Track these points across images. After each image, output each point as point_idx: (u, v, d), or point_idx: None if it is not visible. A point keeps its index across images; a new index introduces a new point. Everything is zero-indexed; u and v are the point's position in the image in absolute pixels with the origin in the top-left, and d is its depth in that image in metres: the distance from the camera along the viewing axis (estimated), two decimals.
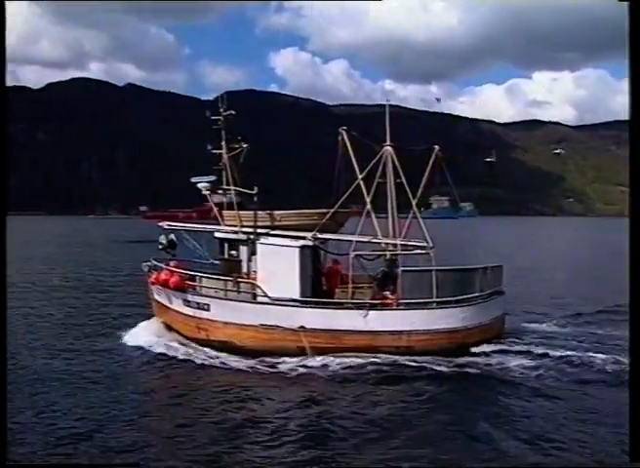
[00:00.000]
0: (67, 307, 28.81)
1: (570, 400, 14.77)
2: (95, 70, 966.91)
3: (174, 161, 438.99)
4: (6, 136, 7.67)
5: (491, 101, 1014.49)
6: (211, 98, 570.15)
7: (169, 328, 21.19)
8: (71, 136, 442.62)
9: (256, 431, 12.74)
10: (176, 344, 19.58)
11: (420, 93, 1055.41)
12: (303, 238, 19.27)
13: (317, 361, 17.50)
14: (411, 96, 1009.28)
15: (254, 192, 19.95)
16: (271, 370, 17.22)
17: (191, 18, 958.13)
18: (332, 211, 19.51)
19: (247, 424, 13.09)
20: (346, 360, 17.46)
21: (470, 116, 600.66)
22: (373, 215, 19.64)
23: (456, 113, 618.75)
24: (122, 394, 15.26)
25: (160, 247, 21.73)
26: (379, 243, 19.78)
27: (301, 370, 17.04)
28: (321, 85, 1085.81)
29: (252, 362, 17.68)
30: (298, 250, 18.97)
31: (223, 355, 18.34)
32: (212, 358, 18.24)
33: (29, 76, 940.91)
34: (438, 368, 17.02)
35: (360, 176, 19.67)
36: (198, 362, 17.95)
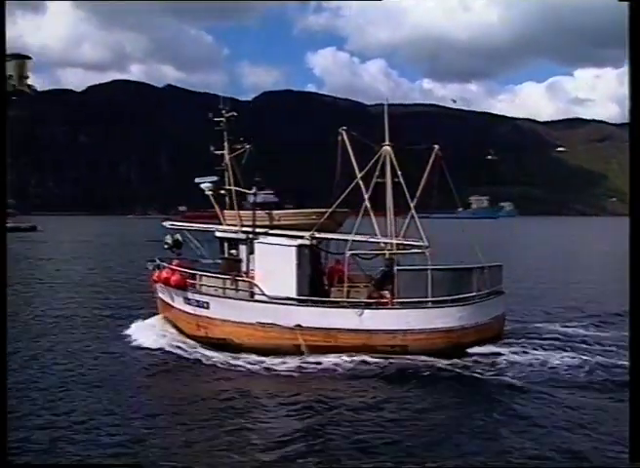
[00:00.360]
0: (83, 302, 30.40)
1: (562, 402, 14.63)
2: (135, 72, 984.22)
3: (212, 161, 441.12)
4: (5, 138, 7.79)
5: (531, 100, 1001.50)
6: (249, 99, 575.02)
7: (172, 325, 21.69)
8: (111, 138, 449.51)
9: (255, 432, 12.93)
10: (174, 342, 19.98)
11: (460, 91, 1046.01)
12: (301, 237, 19.52)
13: (313, 360, 17.62)
14: (450, 95, 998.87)
15: (252, 192, 20.65)
16: (268, 368, 17.40)
17: (230, 19, 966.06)
18: (329, 210, 19.73)
19: (245, 425, 13.22)
20: (341, 359, 17.63)
21: (510, 115, 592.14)
22: (372, 215, 19.76)
23: (495, 112, 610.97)
24: (112, 391, 15.70)
25: (166, 246, 22.17)
26: (376, 242, 19.94)
27: (298, 369, 17.20)
28: (359, 84, 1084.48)
29: (248, 360, 17.90)
30: (294, 249, 19.19)
31: (219, 354, 18.52)
32: (208, 356, 18.44)
33: (71, 79, 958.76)
34: (433, 368, 17.02)
35: (359, 175, 19.87)
36: (192, 360, 18.27)
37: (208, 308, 19.95)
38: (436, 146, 20.45)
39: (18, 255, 58.02)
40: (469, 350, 18.19)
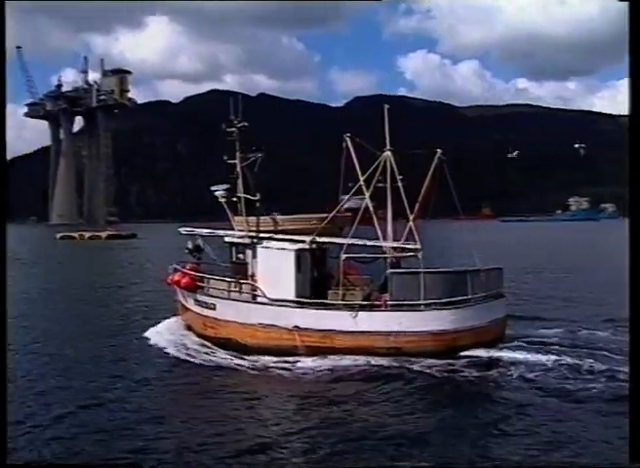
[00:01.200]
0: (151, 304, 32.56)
1: (557, 409, 14.42)
2: (229, 82, 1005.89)
3: (304, 168, 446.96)
4: (5, 138, 8.08)
5: None
6: (341, 105, 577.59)
7: (186, 325, 23.44)
8: (207, 147, 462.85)
9: (255, 432, 13.33)
10: (187, 342, 21.46)
11: (557, 90, 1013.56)
12: (303, 241, 20.51)
13: (310, 361, 18.32)
14: (547, 94, 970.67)
15: (256, 198, 21.78)
16: (267, 369, 18.19)
17: (321, 26, 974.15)
18: (330, 215, 21.01)
19: (245, 425, 13.72)
20: (337, 360, 18.26)
21: (612, 112, 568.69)
22: (374, 219, 20.61)
23: (596, 109, 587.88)
24: (119, 385, 16.90)
25: (187, 251, 23.75)
26: (371, 246, 20.69)
27: (293, 369, 18.00)
28: (451, 87, 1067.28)
29: (250, 360, 18.86)
30: (293, 253, 20.21)
31: (224, 353, 19.69)
32: (216, 357, 19.53)
33: (169, 90, 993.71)
34: (423, 369, 17.33)
35: (361, 179, 20.94)
36: (197, 362, 19.22)
37: (215, 309, 21.35)
38: (439, 151, 20.86)
39: (119, 261, 60.64)
40: (464, 353, 18.44)
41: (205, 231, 23.87)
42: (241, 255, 21.91)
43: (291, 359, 18.61)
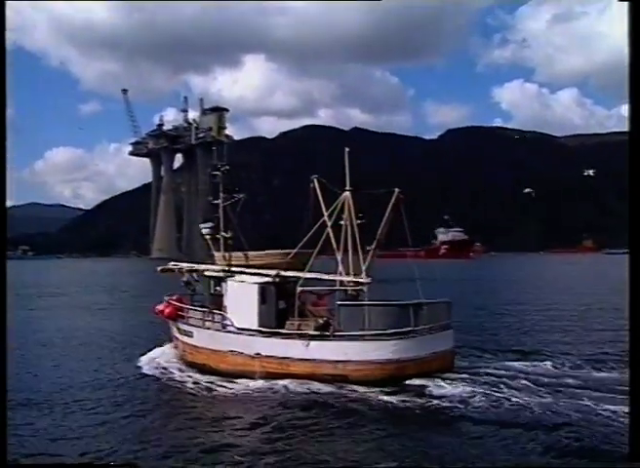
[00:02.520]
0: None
1: (476, 439, 14.77)
2: (323, 117, 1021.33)
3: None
4: (5, 139, 8.19)
5: None
6: (434, 137, 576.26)
7: (174, 352, 25.57)
8: (302, 181, 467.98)
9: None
10: (169, 366, 23.44)
11: None
12: (268, 275, 22.43)
13: (268, 384, 19.89)
14: None
15: (229, 236, 23.80)
16: (227, 392, 19.85)
17: (414, 59, 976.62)
18: (293, 251, 23.15)
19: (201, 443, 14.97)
20: (290, 385, 19.63)
21: None
22: (337, 253, 22.09)
23: None
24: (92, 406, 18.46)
25: (182, 283, 25.67)
26: (324, 279, 22.50)
27: (252, 392, 19.51)
28: (549, 116, 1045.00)
29: (216, 382, 20.71)
30: (257, 287, 22.16)
31: (199, 377, 21.65)
32: (193, 382, 21.20)
33: (265, 127, 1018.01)
34: (364, 397, 18.18)
35: (323, 218, 22.62)
36: (178, 385, 20.94)
37: (192, 337, 23.68)
38: (397, 190, 22.98)
39: None
40: (408, 382, 19.29)
41: (186, 265, 26.12)
42: (218, 288, 24.00)
43: (254, 382, 20.38)
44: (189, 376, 21.87)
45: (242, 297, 22.31)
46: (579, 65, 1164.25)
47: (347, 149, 25.65)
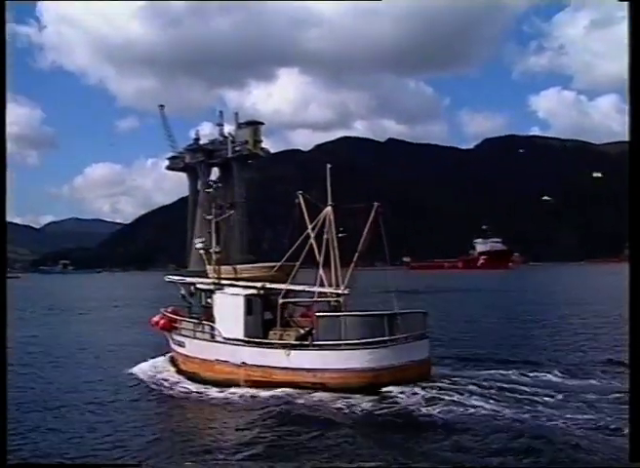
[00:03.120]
0: None
1: (441, 446, 15.11)
2: (359, 128, 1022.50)
3: (435, 211, 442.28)
4: (5, 141, 8.18)
5: None
6: (471, 147, 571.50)
7: (171, 362, 26.59)
8: (338, 193, 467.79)
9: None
10: (161, 375, 24.53)
11: None
12: (254, 288, 23.53)
13: (253, 392, 20.86)
14: None
15: (217, 250, 25.16)
16: (215, 399, 20.86)
17: (449, 68, 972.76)
18: (278, 264, 24.19)
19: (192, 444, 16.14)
20: (274, 392, 20.51)
21: None
22: (320, 266, 22.89)
23: None
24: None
25: (180, 296, 26.91)
26: (306, 291, 23.38)
27: (237, 399, 20.53)
28: (587, 123, 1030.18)
29: (204, 390, 21.75)
30: (242, 298, 23.18)
31: (189, 385, 22.67)
32: (177, 388, 22.51)
33: (300, 139, 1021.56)
34: (340, 403, 18.88)
35: (305, 232, 23.55)
36: (169, 392, 22.12)
37: (184, 347, 24.94)
38: (375, 204, 23.66)
39: None
40: (383, 389, 19.85)
41: (176, 278, 27.85)
42: (209, 300, 25.06)
43: (240, 389, 21.37)
44: (179, 385, 23.02)
45: (229, 309, 23.41)
46: (617, 71, 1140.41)
47: (329, 166, 26.76)
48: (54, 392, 22.72)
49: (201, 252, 25.71)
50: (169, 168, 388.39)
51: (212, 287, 24.82)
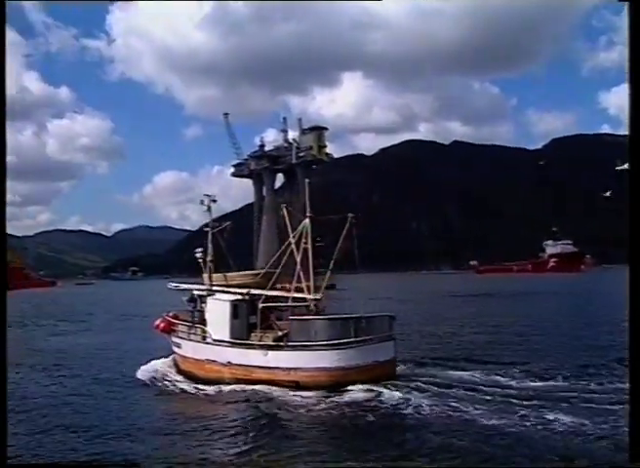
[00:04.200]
0: None
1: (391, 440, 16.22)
2: (423, 131, 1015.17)
3: (503, 214, 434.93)
4: (5, 143, 8.24)
5: None
6: (539, 147, 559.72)
7: (173, 362, 28.49)
8: (402, 196, 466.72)
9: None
10: (162, 375, 26.41)
11: None
12: (240, 294, 25.47)
13: (237, 388, 22.89)
14: None
15: (210, 259, 27.74)
16: (204, 394, 22.98)
17: (516, 68, 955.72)
18: (262, 272, 26.78)
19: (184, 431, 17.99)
20: (255, 389, 22.43)
21: None
22: (302, 273, 24.52)
23: None
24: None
25: (186, 300, 28.75)
26: (278, 296, 25.20)
27: (221, 394, 22.65)
28: None
29: (198, 387, 23.77)
30: (229, 303, 25.21)
31: (183, 384, 24.70)
32: (183, 387, 24.35)
33: (364, 143, 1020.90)
34: (306, 399, 20.60)
35: (287, 241, 25.27)
36: (170, 389, 24.25)
37: (181, 348, 27.26)
38: (350, 215, 25.06)
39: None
40: (350, 387, 21.42)
41: (174, 284, 30.50)
42: (203, 305, 27.06)
43: (226, 387, 23.35)
44: (177, 382, 25.31)
45: (218, 313, 25.54)
46: None
47: (307, 180, 28.72)
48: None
49: (200, 260, 28.13)
50: (234, 174, 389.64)
51: (205, 293, 27.11)
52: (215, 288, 26.93)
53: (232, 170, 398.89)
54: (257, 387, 22.54)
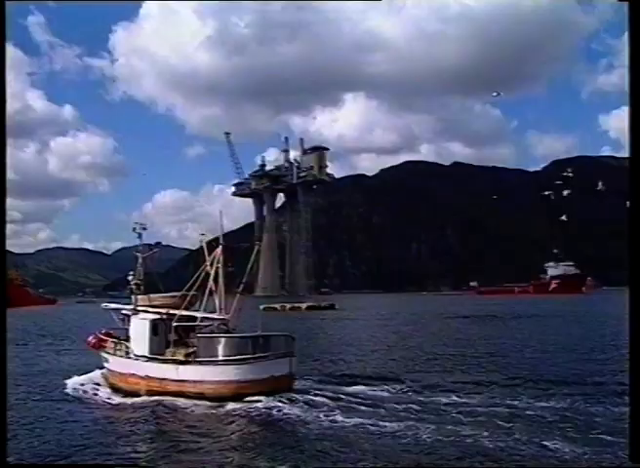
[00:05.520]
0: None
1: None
2: (424, 152, 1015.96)
3: (502, 235, 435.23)
4: (5, 146, 8.15)
5: None
6: (538, 169, 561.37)
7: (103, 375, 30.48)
8: (402, 217, 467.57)
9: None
10: (89, 388, 28.10)
11: None
12: (160, 313, 27.58)
13: (154, 399, 24.71)
14: None
15: (135, 282, 29.23)
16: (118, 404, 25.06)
17: (516, 89, 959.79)
18: (179, 294, 28.01)
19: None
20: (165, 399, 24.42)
21: None
22: (215, 295, 26.57)
23: None
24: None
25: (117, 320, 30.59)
26: (190, 316, 27.14)
27: (143, 405, 24.15)
28: None
29: (118, 399, 25.74)
30: (148, 322, 27.33)
31: (109, 395, 26.57)
32: (102, 397, 26.26)
33: (365, 164, 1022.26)
34: (211, 410, 22.78)
35: (202, 267, 27.00)
36: (92, 400, 26.05)
37: (109, 363, 29.00)
38: (257, 243, 29.32)
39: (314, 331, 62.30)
40: (247, 399, 23.48)
41: (104, 304, 31.86)
42: (129, 323, 29.00)
43: (146, 398, 25.08)
44: (101, 393, 27.10)
45: (139, 330, 27.62)
46: None
47: (220, 210, 29.96)
48: None
49: (131, 283, 29.88)
50: (235, 194, 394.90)
51: (130, 312, 29.11)
52: (139, 308, 28.92)
53: (233, 189, 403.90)
54: (168, 398, 24.62)
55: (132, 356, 27.61)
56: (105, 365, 29.64)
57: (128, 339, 28.46)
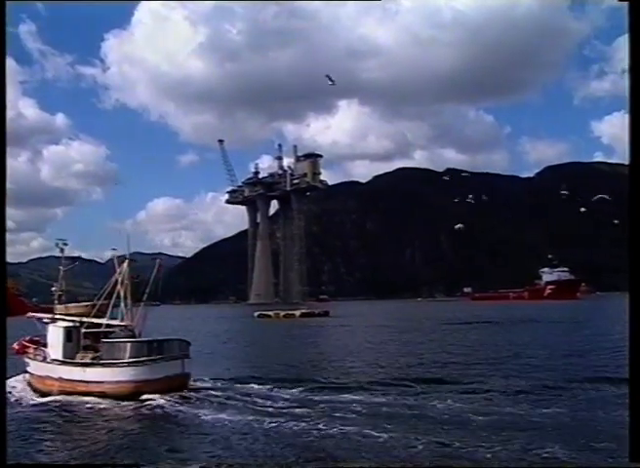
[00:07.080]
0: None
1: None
2: (418, 158, 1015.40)
3: (496, 241, 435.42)
4: (5, 148, 8.18)
5: None
6: (531, 175, 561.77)
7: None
8: (395, 223, 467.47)
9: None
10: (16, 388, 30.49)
11: None
12: (74, 321, 30.23)
13: (67, 398, 27.05)
14: None
15: (56, 292, 32.79)
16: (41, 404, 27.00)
17: (509, 96, 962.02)
18: (91, 303, 30.73)
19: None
20: (80, 399, 26.68)
21: None
22: (123, 304, 29.26)
23: None
24: None
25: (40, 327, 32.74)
26: (98, 323, 29.77)
27: (57, 403, 26.45)
28: None
29: (34, 399, 28.04)
30: (62, 329, 29.92)
31: (31, 396, 28.70)
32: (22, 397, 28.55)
33: (358, 171, 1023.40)
34: (109, 407, 25.26)
35: (113, 278, 29.71)
36: (13, 399, 27.91)
37: (30, 366, 31.43)
38: (158, 260, 31.56)
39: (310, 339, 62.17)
40: (144, 397, 26.00)
41: (38, 315, 33.79)
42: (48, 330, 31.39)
43: (61, 398, 27.22)
44: (19, 393, 29.36)
45: (54, 337, 30.14)
46: None
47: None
48: None
49: (55, 293, 32.82)
50: (228, 201, 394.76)
51: (49, 320, 31.50)
52: (57, 316, 31.34)
53: (227, 196, 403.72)
54: (77, 397, 27.01)
55: (48, 360, 29.98)
56: (27, 368, 31.98)
57: (46, 345, 30.85)
